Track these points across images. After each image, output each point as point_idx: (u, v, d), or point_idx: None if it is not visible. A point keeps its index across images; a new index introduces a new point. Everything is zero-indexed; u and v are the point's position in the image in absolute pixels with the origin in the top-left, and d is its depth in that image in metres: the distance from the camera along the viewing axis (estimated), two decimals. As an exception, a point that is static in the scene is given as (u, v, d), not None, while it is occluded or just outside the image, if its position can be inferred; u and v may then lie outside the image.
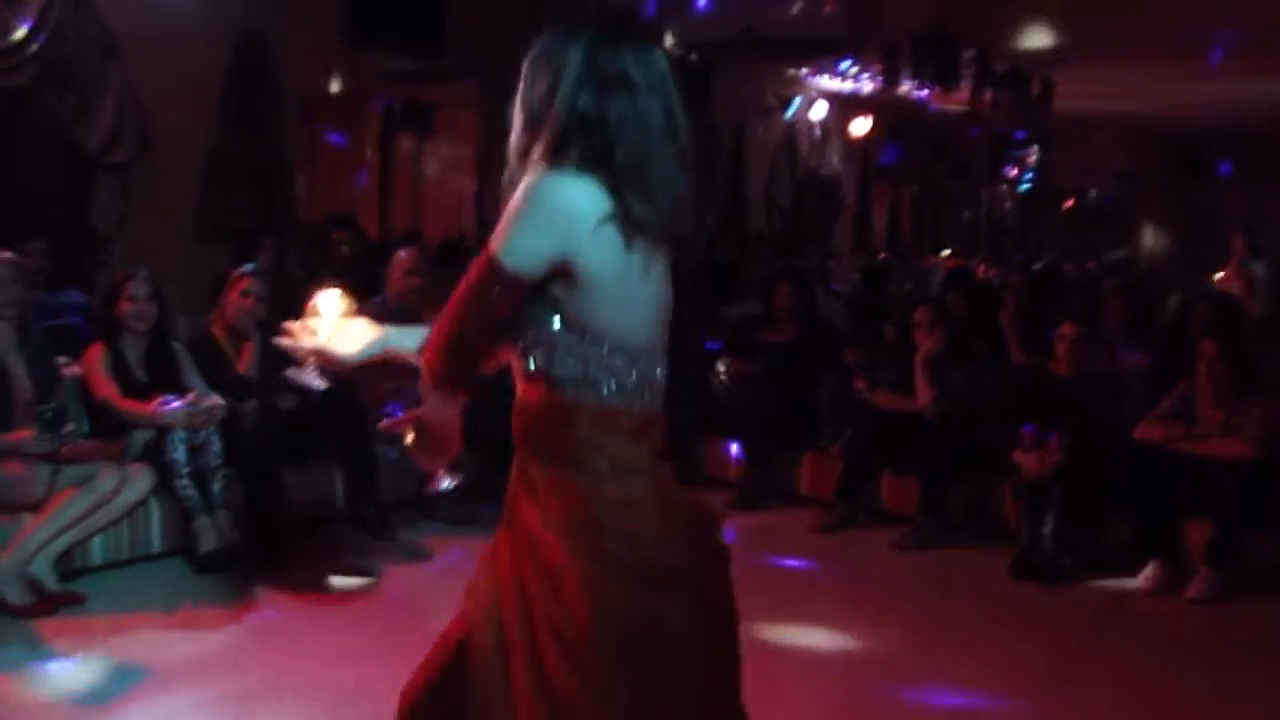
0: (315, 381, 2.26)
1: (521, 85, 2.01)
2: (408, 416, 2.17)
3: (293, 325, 2.25)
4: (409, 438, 2.17)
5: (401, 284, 5.91)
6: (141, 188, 6.78)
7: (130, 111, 6.59)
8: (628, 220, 1.91)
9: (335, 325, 2.21)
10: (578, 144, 1.92)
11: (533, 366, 1.99)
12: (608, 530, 1.97)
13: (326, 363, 2.25)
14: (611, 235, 1.91)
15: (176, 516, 4.77)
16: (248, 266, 5.43)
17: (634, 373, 1.99)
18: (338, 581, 4.73)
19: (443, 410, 2.12)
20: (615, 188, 1.91)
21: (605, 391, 1.97)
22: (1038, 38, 8.93)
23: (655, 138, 1.94)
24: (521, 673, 2.04)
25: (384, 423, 2.21)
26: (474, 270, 1.93)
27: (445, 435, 2.18)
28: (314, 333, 2.22)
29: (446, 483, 2.27)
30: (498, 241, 1.92)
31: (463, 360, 1.98)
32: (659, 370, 2.05)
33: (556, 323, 1.96)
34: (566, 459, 1.99)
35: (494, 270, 1.90)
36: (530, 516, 2.05)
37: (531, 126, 1.98)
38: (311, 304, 2.23)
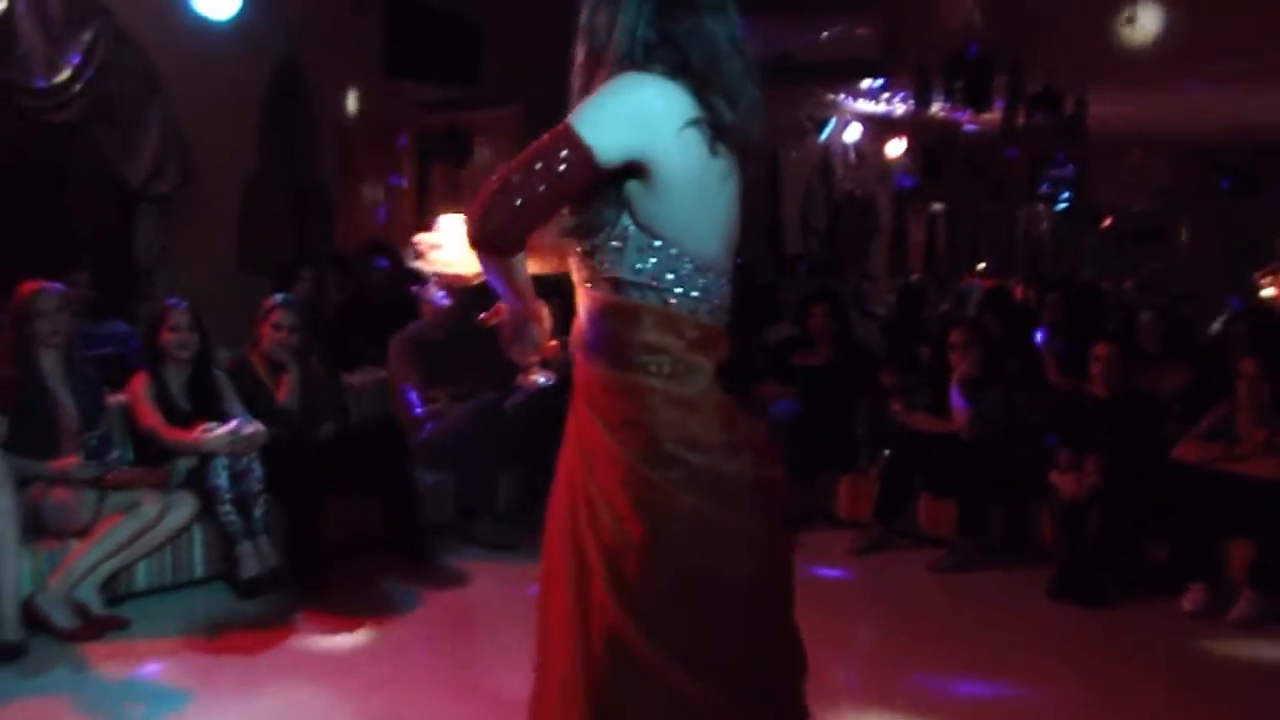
0: (441, 298, 2.32)
1: (583, 16, 2.01)
2: (497, 308, 2.15)
3: (421, 242, 2.28)
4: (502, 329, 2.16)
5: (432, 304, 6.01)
6: (183, 219, 6.89)
7: (172, 144, 6.70)
8: (714, 124, 1.91)
9: (459, 246, 2.24)
10: (646, 65, 1.92)
11: (599, 268, 1.98)
12: (669, 433, 1.93)
13: (451, 280, 2.28)
14: (695, 139, 1.90)
15: (219, 542, 4.83)
16: (278, 297, 5.50)
17: (700, 283, 1.97)
18: (377, 606, 4.77)
19: (512, 293, 2.05)
20: (699, 92, 1.91)
21: (671, 298, 1.95)
22: (1074, 54, 8.90)
23: (723, 51, 1.95)
24: (561, 600, 2.02)
25: (482, 315, 2.23)
26: (544, 136, 1.88)
27: (528, 323, 2.12)
28: (439, 248, 2.26)
29: (541, 379, 2.27)
30: (575, 114, 1.88)
31: (504, 218, 1.86)
32: (725, 287, 2.02)
33: (627, 222, 1.94)
34: (627, 362, 1.96)
35: (566, 136, 1.85)
36: (589, 429, 2.02)
37: (594, 58, 1.99)
38: (436, 225, 2.27)
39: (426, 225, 2.32)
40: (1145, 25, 7.75)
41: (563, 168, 1.83)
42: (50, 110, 6.23)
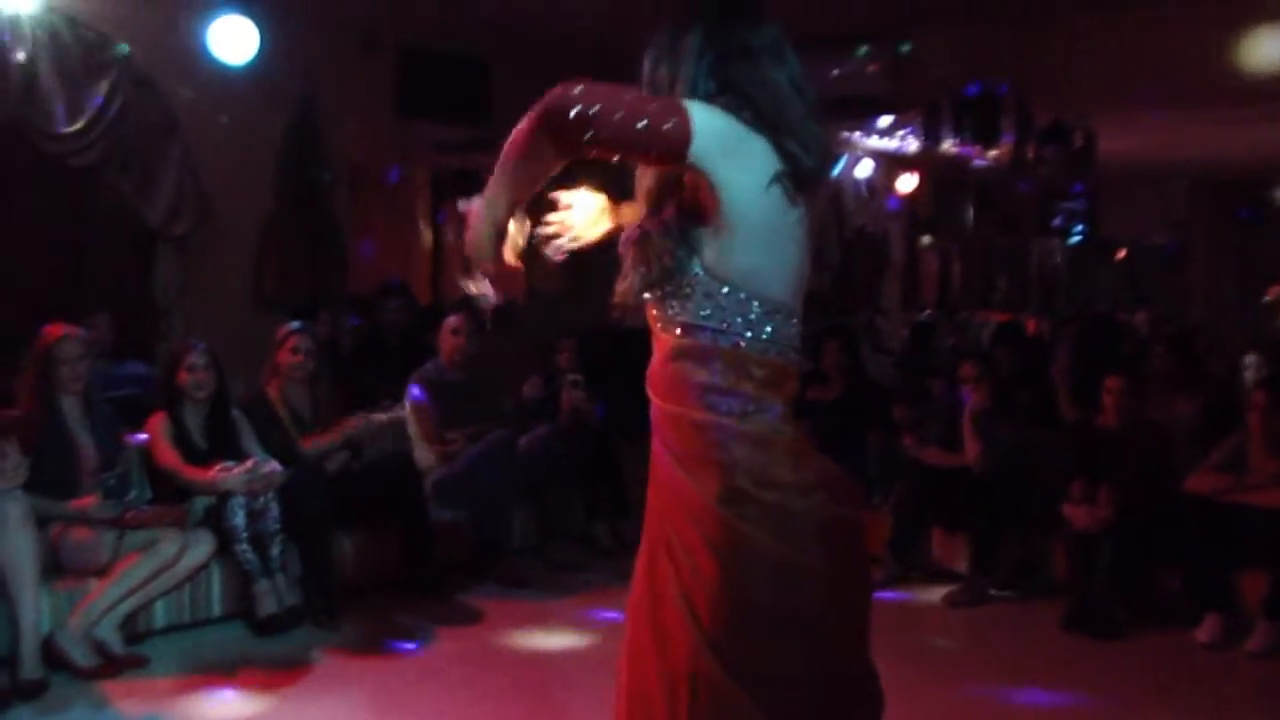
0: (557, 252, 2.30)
1: (645, 75, 2.05)
2: (475, 205, 2.07)
3: (559, 200, 2.30)
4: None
5: (449, 344, 6.06)
6: (200, 260, 6.97)
7: (189, 186, 6.79)
8: (796, 175, 1.93)
9: (586, 213, 2.28)
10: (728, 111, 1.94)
11: (670, 313, 2.01)
12: (741, 469, 1.93)
13: (572, 244, 2.30)
14: (775, 191, 1.93)
15: (236, 581, 4.87)
16: (293, 324, 5.56)
17: (769, 326, 1.98)
18: (393, 643, 4.79)
19: (509, 188, 2.00)
20: (775, 141, 1.93)
21: (741, 341, 1.97)
22: (1086, 88, 8.92)
23: (786, 96, 1.97)
24: (642, 635, 2.03)
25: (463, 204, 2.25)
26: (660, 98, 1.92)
27: (496, 228, 2.03)
28: (570, 209, 2.30)
29: (486, 291, 2.16)
30: (686, 102, 1.90)
31: (598, 113, 1.84)
32: (795, 327, 2.03)
33: (697, 268, 1.97)
34: (699, 402, 1.98)
35: (682, 110, 1.88)
36: (664, 467, 2.04)
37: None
38: (561, 200, 2.30)
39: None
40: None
41: (667, 126, 1.86)
42: (71, 154, 6.33)
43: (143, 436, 4.99)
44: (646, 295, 2.05)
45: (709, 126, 1.89)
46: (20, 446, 4.14)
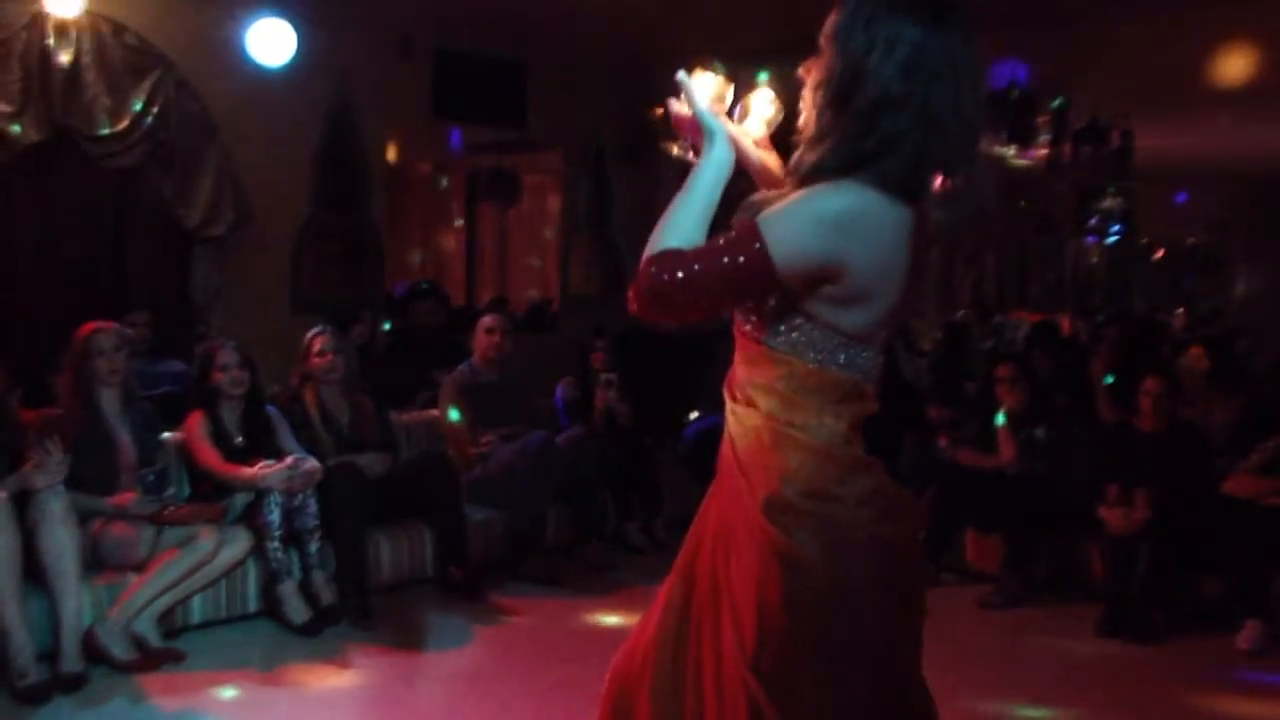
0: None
1: (842, 19, 1.87)
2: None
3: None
4: None
5: (483, 342, 6.10)
6: (237, 261, 7.05)
7: (227, 188, 6.87)
8: (920, 230, 1.85)
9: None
10: (879, 132, 1.81)
11: (742, 320, 1.98)
12: (790, 478, 1.88)
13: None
14: (902, 249, 1.84)
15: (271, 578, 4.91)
16: (316, 328, 5.60)
17: (843, 355, 1.92)
18: (427, 641, 4.82)
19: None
20: (913, 195, 1.83)
21: (810, 364, 1.91)
22: (1119, 86, 8.85)
23: (962, 135, 1.85)
24: (698, 646, 2.01)
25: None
26: (735, 240, 1.81)
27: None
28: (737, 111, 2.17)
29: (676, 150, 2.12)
30: (770, 225, 1.80)
31: (677, 306, 1.82)
32: (873, 359, 1.97)
33: (772, 298, 1.90)
34: (761, 403, 1.93)
35: (751, 234, 1.79)
36: (727, 464, 2.01)
37: (840, 88, 1.85)
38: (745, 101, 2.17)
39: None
40: None
41: (742, 258, 1.79)
42: (112, 156, 6.42)
43: (179, 436, 5.04)
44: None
45: (806, 235, 1.79)
46: (62, 444, 4.20)
